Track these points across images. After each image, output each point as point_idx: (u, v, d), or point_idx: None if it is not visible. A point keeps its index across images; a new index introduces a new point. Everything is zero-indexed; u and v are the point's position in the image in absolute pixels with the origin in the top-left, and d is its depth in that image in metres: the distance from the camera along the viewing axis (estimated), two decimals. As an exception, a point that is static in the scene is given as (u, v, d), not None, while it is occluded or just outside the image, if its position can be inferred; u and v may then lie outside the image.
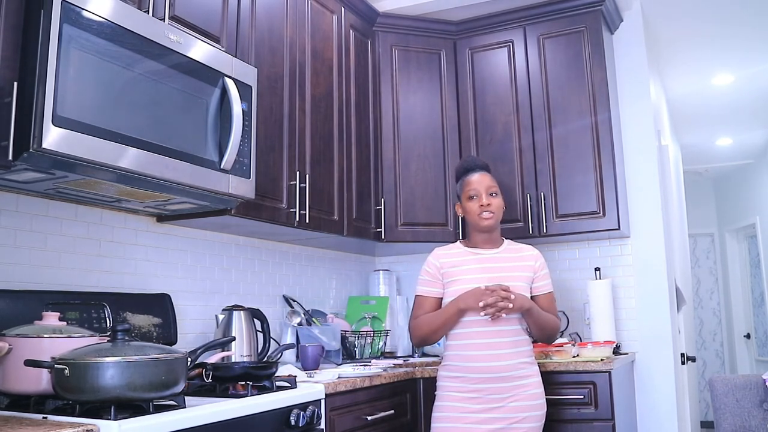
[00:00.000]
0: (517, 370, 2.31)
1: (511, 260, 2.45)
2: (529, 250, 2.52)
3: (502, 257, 2.45)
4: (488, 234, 2.46)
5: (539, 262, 2.48)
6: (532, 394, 2.32)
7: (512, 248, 2.51)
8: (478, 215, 2.42)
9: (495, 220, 2.44)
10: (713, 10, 3.79)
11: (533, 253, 2.50)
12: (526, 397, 2.30)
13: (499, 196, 2.45)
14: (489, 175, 2.50)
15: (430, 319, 2.37)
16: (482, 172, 2.49)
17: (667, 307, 3.32)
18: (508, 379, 2.29)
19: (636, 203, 3.41)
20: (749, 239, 7.46)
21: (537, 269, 2.45)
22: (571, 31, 3.32)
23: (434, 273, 2.43)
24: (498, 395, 2.28)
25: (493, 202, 2.43)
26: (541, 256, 2.51)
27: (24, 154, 1.60)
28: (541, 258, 2.50)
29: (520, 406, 2.28)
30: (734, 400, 3.31)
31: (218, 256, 2.77)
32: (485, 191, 2.43)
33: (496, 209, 2.43)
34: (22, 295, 1.89)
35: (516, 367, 2.31)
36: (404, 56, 3.46)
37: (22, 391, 1.60)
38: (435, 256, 2.47)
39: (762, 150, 6.70)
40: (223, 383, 1.97)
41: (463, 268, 2.41)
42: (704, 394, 7.12)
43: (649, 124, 3.49)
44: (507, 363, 2.30)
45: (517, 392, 2.29)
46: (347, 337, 3.15)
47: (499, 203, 2.45)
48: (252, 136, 2.27)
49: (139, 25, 1.87)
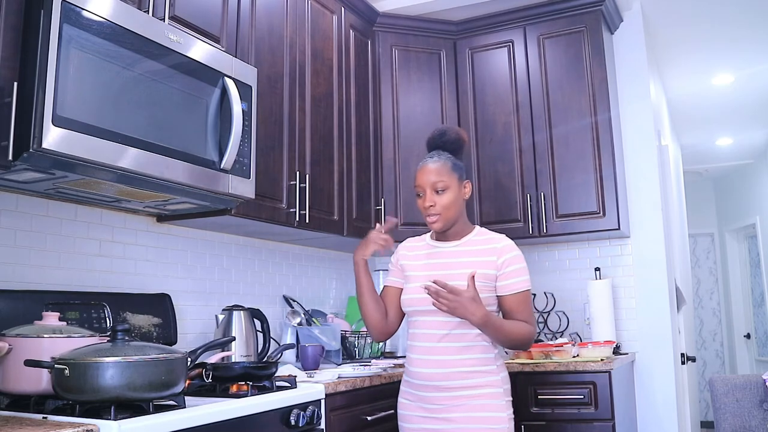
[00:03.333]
0: (460, 379, 1.96)
1: (467, 255, 2.06)
2: (496, 242, 2.07)
3: (458, 251, 2.08)
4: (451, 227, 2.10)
5: (505, 257, 2.03)
6: (482, 405, 1.94)
7: (477, 240, 2.09)
8: (424, 216, 2.08)
9: (444, 221, 2.05)
10: (713, 11, 3.79)
11: (498, 247, 2.05)
12: (474, 408, 1.94)
13: (448, 191, 2.03)
14: (441, 161, 2.05)
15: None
16: (434, 160, 2.06)
17: (667, 307, 3.32)
18: (446, 389, 1.97)
19: (636, 203, 3.41)
20: (749, 239, 7.46)
21: (500, 266, 2.02)
22: (571, 31, 3.32)
23: (395, 263, 2.21)
24: (437, 404, 1.98)
25: (438, 201, 2.03)
26: (511, 250, 2.05)
27: (24, 154, 1.60)
28: (508, 252, 2.04)
29: (466, 417, 1.94)
30: (734, 400, 3.30)
31: (218, 256, 2.77)
32: (430, 188, 2.04)
33: (442, 209, 2.03)
34: (22, 295, 1.89)
35: (459, 376, 1.96)
36: (404, 56, 3.46)
37: (22, 391, 1.59)
38: (399, 247, 2.23)
39: (762, 150, 6.70)
40: (223, 383, 1.97)
41: (414, 263, 2.13)
42: (704, 394, 7.12)
43: (649, 124, 3.49)
44: (446, 371, 1.97)
45: (464, 403, 1.95)
46: (347, 337, 3.15)
47: (447, 200, 2.03)
48: (252, 136, 2.27)
49: (139, 25, 1.87)
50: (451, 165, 2.06)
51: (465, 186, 2.09)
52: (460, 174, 2.07)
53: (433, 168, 2.05)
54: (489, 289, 2.01)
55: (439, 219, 2.04)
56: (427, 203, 2.03)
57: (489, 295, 2.01)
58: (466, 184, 2.10)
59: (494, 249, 2.04)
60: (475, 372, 1.97)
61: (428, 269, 2.07)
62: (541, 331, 3.49)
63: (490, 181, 3.38)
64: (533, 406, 2.76)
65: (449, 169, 2.05)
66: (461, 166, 2.10)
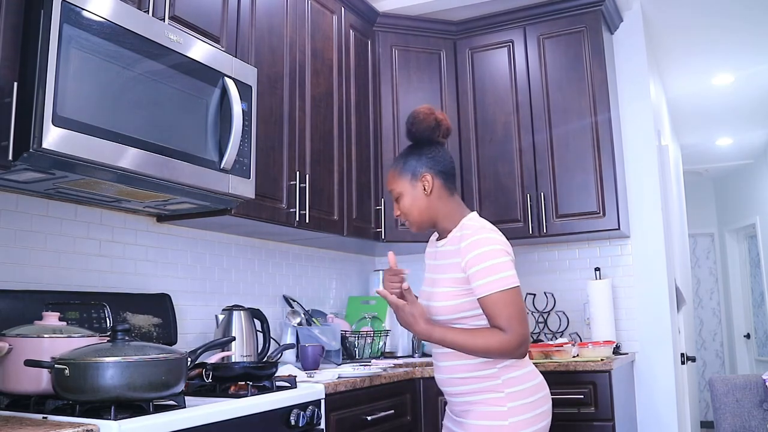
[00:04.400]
0: (459, 385, 1.85)
1: (445, 256, 1.90)
2: (463, 240, 1.83)
3: (442, 252, 1.92)
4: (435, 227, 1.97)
5: (467, 258, 1.79)
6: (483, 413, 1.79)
7: (454, 238, 1.88)
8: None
9: (416, 225, 1.93)
10: (713, 11, 3.79)
11: (461, 247, 1.81)
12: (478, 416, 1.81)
13: (402, 197, 1.92)
14: (392, 169, 1.96)
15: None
16: (390, 168, 1.98)
17: (667, 307, 3.32)
18: (451, 395, 1.89)
19: (636, 203, 3.41)
20: (749, 239, 7.46)
21: (465, 268, 1.79)
22: (571, 31, 3.32)
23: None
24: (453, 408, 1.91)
25: (400, 209, 1.94)
26: (473, 249, 1.78)
27: (24, 154, 1.60)
28: (470, 252, 1.78)
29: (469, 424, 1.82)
30: (734, 400, 3.30)
31: (218, 256, 2.77)
32: (393, 198, 1.97)
33: (406, 214, 1.93)
34: (22, 295, 1.89)
35: (458, 382, 1.85)
36: (404, 56, 3.46)
37: (22, 391, 1.59)
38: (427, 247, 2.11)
39: (762, 150, 6.70)
40: (223, 383, 1.97)
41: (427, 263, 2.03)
42: (704, 394, 7.12)
43: (649, 124, 3.49)
44: (446, 377, 1.88)
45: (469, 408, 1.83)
46: (347, 337, 3.15)
47: (405, 206, 1.92)
48: (252, 136, 2.27)
49: (139, 25, 1.87)
50: (401, 167, 1.93)
51: (423, 181, 1.89)
52: (411, 171, 1.90)
53: (388, 177, 1.97)
54: (462, 294, 1.81)
55: (409, 224, 1.95)
56: (395, 212, 1.97)
57: (463, 301, 1.81)
58: (422, 178, 1.89)
59: (458, 250, 1.82)
60: (470, 378, 1.82)
61: (430, 271, 1.97)
62: (541, 331, 3.49)
63: (490, 181, 3.38)
64: (533, 406, 2.76)
65: (398, 173, 1.93)
66: (414, 161, 1.91)
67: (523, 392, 1.80)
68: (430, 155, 1.92)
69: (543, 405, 1.83)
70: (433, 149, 1.93)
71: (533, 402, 1.80)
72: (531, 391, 1.82)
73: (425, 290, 1.96)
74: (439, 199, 1.91)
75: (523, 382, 1.82)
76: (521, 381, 1.82)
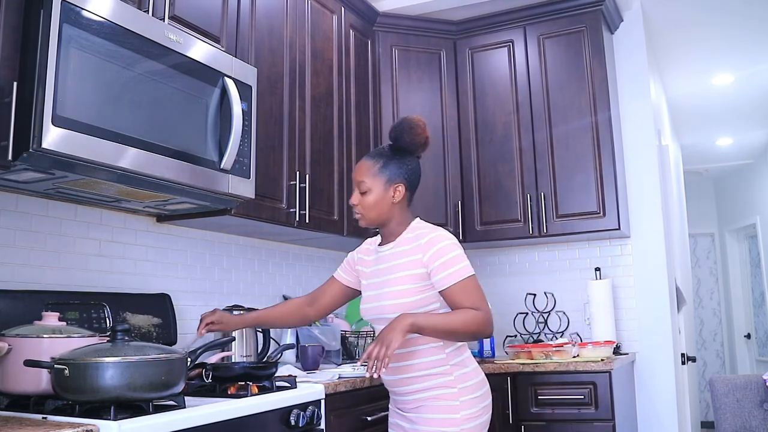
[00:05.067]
0: (411, 384, 1.92)
1: (399, 256, 1.96)
2: (422, 238, 1.93)
3: (392, 254, 1.98)
4: (381, 228, 2.03)
5: (430, 253, 1.88)
6: (436, 407, 1.89)
7: (407, 239, 1.97)
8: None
9: (367, 221, 1.99)
10: (713, 11, 3.79)
11: (422, 243, 1.91)
12: (429, 410, 1.90)
13: (369, 193, 1.95)
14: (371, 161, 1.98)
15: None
16: (367, 158, 2.00)
17: (667, 307, 3.32)
18: (401, 394, 1.96)
19: (636, 203, 3.41)
20: (749, 239, 7.46)
21: (427, 262, 1.88)
22: (571, 31, 3.32)
23: (351, 263, 2.16)
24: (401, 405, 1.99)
25: (361, 201, 1.97)
26: (436, 243, 1.89)
27: (24, 154, 1.60)
28: (433, 246, 1.89)
29: (421, 418, 1.91)
30: (734, 400, 3.31)
31: (218, 256, 2.76)
32: (357, 185, 1.98)
33: (364, 209, 1.97)
34: (22, 295, 1.89)
35: (410, 382, 1.93)
36: (404, 56, 3.45)
37: (21, 391, 1.59)
38: (357, 250, 2.17)
39: (762, 150, 6.70)
40: (223, 383, 1.97)
41: (366, 270, 2.08)
42: (704, 394, 7.11)
43: (649, 124, 3.49)
44: (397, 377, 1.95)
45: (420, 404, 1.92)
46: (347, 337, 3.15)
47: (369, 202, 1.95)
48: (252, 136, 2.27)
49: (138, 25, 1.87)
50: (381, 166, 1.96)
51: (395, 189, 1.95)
52: (389, 176, 1.95)
53: (362, 166, 1.99)
54: (424, 289, 1.90)
55: (361, 217, 1.99)
56: (353, 200, 1.99)
57: (426, 295, 1.90)
58: (397, 188, 1.96)
59: (419, 246, 1.91)
60: (425, 376, 1.90)
61: (374, 276, 2.02)
62: (541, 331, 3.49)
63: (490, 181, 3.38)
64: (533, 406, 2.76)
65: (376, 170, 1.95)
66: (396, 168, 1.96)
67: (472, 387, 1.93)
68: (410, 167, 2.00)
69: (487, 399, 1.97)
70: (413, 161, 2.01)
71: (480, 396, 1.94)
72: (478, 386, 1.95)
73: (371, 294, 2.02)
74: (400, 207, 2.00)
75: (472, 378, 1.95)
76: (470, 377, 1.95)
